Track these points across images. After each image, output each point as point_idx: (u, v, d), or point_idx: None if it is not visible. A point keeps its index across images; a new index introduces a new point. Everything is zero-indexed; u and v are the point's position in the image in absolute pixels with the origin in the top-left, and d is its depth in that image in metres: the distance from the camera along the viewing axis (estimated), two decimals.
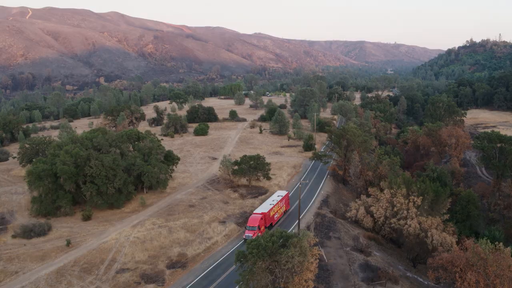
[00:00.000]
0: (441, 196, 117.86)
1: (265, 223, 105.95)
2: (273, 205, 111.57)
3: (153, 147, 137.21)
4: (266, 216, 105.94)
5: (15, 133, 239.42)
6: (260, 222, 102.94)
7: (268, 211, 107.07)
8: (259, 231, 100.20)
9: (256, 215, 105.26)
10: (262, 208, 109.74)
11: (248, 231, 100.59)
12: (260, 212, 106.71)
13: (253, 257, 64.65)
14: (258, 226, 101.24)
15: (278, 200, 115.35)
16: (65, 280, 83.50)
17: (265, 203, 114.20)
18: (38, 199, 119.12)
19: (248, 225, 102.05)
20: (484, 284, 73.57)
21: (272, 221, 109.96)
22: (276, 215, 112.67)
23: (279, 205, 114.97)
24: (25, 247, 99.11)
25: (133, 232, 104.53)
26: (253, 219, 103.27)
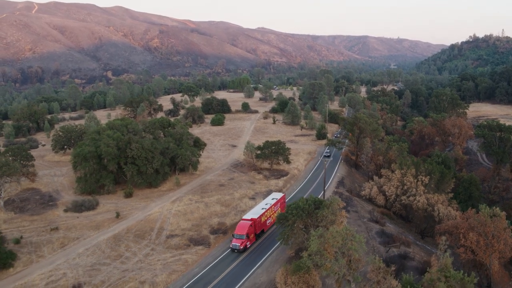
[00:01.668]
0: (446, 176, 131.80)
1: (255, 230, 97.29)
2: (266, 209, 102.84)
3: (184, 133, 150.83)
4: (256, 222, 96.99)
5: (40, 123, 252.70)
6: (249, 229, 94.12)
7: (258, 216, 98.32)
8: (247, 240, 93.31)
9: (245, 221, 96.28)
10: (252, 213, 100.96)
11: (236, 239, 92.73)
12: (250, 218, 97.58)
13: (293, 217, 78.28)
14: (246, 235, 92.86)
15: (272, 204, 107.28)
16: (123, 243, 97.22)
17: (257, 207, 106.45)
18: (83, 178, 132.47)
19: (236, 233, 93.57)
20: (484, 243, 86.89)
21: (264, 227, 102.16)
22: (269, 221, 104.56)
23: (272, 209, 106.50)
24: (79, 219, 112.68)
25: (173, 207, 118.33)
26: (241, 226, 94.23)
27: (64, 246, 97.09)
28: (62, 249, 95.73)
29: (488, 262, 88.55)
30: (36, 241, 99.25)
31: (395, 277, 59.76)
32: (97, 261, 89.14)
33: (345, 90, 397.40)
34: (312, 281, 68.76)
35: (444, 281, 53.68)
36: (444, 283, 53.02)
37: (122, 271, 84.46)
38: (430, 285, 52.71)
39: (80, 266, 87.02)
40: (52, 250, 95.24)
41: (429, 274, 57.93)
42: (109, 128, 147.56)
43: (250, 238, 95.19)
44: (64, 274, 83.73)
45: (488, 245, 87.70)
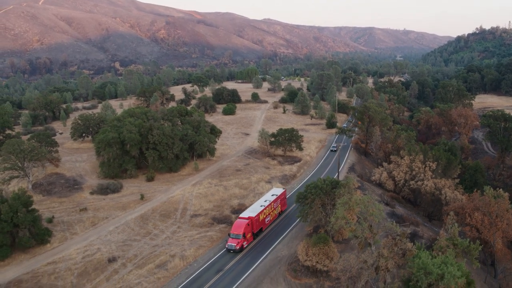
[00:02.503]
0: (452, 163, 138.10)
1: (253, 229, 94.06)
2: (265, 206, 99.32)
3: (201, 121, 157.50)
4: (254, 221, 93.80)
5: (56, 112, 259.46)
6: (246, 229, 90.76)
7: (256, 215, 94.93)
8: (244, 240, 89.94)
9: (242, 220, 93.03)
10: (250, 211, 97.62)
11: (232, 239, 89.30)
12: (247, 216, 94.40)
13: (312, 195, 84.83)
14: (243, 234, 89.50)
15: (272, 201, 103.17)
16: (150, 222, 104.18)
17: (255, 204, 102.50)
18: (106, 163, 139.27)
19: (232, 233, 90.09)
20: (488, 222, 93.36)
21: (262, 226, 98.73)
22: (268, 218, 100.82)
23: (272, 207, 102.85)
24: (105, 201, 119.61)
25: (194, 189, 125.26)
26: (237, 226, 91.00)
27: (94, 224, 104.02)
28: (93, 227, 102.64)
29: (492, 240, 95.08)
30: (67, 220, 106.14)
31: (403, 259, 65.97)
32: (127, 237, 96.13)
33: (353, 81, 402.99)
34: (331, 253, 75.49)
35: (452, 248, 60.10)
36: (452, 250, 59.39)
37: (153, 246, 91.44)
38: (440, 251, 58.97)
39: (112, 242, 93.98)
40: (84, 228, 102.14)
41: (438, 242, 64.43)
42: (130, 116, 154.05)
43: (247, 238, 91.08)
44: (99, 249, 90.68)
45: (492, 224, 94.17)
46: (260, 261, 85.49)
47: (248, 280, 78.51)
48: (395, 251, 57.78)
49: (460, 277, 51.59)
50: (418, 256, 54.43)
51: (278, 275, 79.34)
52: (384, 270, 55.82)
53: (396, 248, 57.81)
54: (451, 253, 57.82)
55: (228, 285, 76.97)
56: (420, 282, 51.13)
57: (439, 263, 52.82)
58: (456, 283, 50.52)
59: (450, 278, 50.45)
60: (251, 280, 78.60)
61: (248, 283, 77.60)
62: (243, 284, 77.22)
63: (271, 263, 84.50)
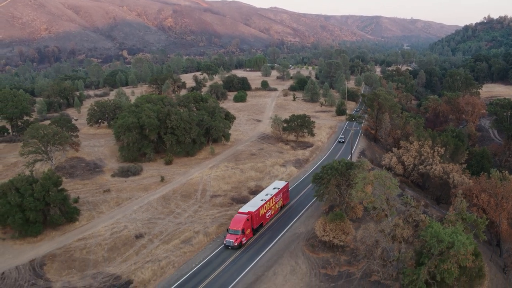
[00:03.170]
0: (460, 148, 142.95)
1: (253, 224, 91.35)
2: (266, 201, 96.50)
3: (216, 107, 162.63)
4: (253, 216, 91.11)
5: (69, 99, 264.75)
6: (245, 224, 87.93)
7: (256, 210, 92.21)
8: (243, 236, 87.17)
9: (241, 215, 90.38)
10: (250, 206, 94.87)
11: (230, 235, 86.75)
12: (247, 211, 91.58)
13: (328, 176, 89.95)
14: (242, 230, 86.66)
15: (273, 194, 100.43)
16: (172, 202, 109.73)
17: (255, 198, 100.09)
18: (125, 147, 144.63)
19: (231, 228, 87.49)
20: (494, 203, 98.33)
21: (263, 221, 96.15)
22: (269, 213, 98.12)
23: (273, 201, 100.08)
24: (127, 183, 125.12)
25: (212, 172, 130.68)
26: (236, 221, 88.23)
27: (119, 204, 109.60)
28: (118, 207, 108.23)
29: (498, 220, 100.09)
30: (93, 201, 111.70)
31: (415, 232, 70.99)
32: (152, 216, 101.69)
33: (361, 70, 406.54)
34: (347, 228, 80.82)
35: (460, 222, 65.12)
36: (460, 223, 64.39)
37: (176, 224, 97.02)
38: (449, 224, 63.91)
39: (138, 220, 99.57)
40: (109, 207, 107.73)
41: (448, 216, 69.47)
42: (147, 102, 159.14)
43: (246, 234, 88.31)
44: (125, 227, 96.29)
45: (498, 205, 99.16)
46: (280, 237, 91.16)
47: (270, 254, 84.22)
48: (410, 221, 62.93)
49: (469, 244, 56.78)
50: (430, 226, 59.58)
51: (297, 250, 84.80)
52: (400, 239, 60.95)
53: (410, 219, 62.99)
54: (460, 226, 62.86)
55: (251, 258, 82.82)
56: (433, 249, 56.23)
57: (450, 232, 57.98)
58: (465, 250, 55.68)
59: (460, 245, 55.55)
60: (272, 253, 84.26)
61: (270, 256, 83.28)
62: (265, 257, 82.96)
63: (290, 239, 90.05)
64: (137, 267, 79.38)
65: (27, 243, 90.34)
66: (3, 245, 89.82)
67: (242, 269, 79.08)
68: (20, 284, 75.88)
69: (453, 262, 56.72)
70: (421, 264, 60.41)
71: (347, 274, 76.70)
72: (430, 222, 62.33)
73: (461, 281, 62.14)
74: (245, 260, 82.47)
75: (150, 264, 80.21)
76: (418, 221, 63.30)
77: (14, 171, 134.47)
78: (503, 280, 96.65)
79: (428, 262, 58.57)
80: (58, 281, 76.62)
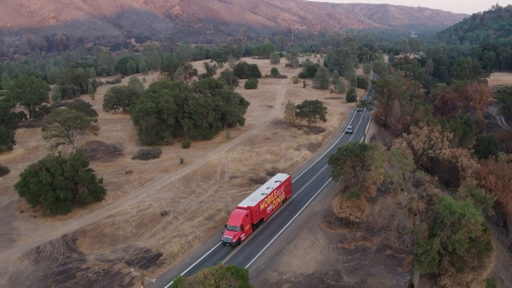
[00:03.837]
0: (468, 134, 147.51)
1: (253, 220, 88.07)
2: (266, 195, 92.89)
3: (231, 92, 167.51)
4: (253, 211, 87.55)
5: (83, 86, 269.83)
6: (245, 220, 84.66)
7: (256, 204, 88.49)
8: (242, 232, 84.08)
9: (240, 210, 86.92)
10: (250, 200, 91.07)
11: (228, 231, 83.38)
12: (246, 206, 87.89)
13: (344, 157, 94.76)
14: (241, 226, 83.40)
15: (275, 188, 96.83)
16: (193, 182, 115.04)
17: (256, 192, 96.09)
18: (144, 131, 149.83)
19: (229, 224, 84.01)
20: (501, 184, 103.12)
21: (264, 215, 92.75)
22: (270, 207, 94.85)
23: (275, 194, 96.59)
24: (147, 165, 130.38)
25: (229, 155, 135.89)
26: (235, 216, 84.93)
27: (142, 184, 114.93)
28: (141, 187, 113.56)
29: (505, 201, 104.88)
30: (116, 181, 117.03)
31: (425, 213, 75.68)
32: (175, 195, 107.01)
33: (369, 58, 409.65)
34: (362, 206, 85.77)
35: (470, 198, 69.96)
36: (470, 199, 69.23)
37: (199, 203, 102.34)
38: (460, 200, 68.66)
39: (161, 199, 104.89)
40: (133, 187, 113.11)
41: (459, 192, 74.37)
42: (164, 87, 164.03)
43: (245, 230, 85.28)
44: (150, 205, 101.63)
45: (505, 187, 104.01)
46: (298, 214, 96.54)
47: (290, 229, 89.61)
48: (424, 196, 67.81)
49: (479, 215, 61.72)
50: (443, 199, 64.48)
51: (315, 226, 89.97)
52: (415, 211, 65.85)
53: (424, 193, 67.87)
54: (470, 201, 67.73)
55: (273, 233, 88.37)
56: (446, 220, 61.07)
57: (461, 205, 62.92)
58: (475, 220, 60.54)
59: (470, 215, 60.42)
60: (292, 229, 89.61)
61: (290, 231, 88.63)
62: (286, 232, 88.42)
63: (308, 216, 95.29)
64: (165, 241, 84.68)
65: (57, 220, 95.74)
66: (35, 222, 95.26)
67: (264, 243, 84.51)
68: (55, 257, 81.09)
69: (464, 232, 61.62)
70: (434, 236, 65.36)
71: (363, 248, 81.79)
72: (442, 196, 67.26)
73: (470, 252, 67.05)
74: (267, 235, 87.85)
75: (177, 238, 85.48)
76: (432, 196, 68.13)
77: (36, 155, 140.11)
78: (509, 258, 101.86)
79: (440, 233, 63.48)
80: (91, 254, 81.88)
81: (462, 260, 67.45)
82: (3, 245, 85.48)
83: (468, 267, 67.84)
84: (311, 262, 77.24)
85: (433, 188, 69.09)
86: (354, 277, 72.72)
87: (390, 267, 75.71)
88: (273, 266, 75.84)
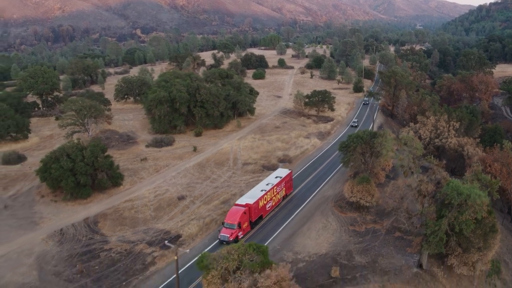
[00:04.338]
0: (474, 123, 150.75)
1: (251, 217, 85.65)
2: (266, 191, 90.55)
3: (241, 82, 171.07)
4: (251, 209, 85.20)
5: (93, 76, 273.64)
6: (242, 217, 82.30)
7: (255, 201, 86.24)
8: (239, 230, 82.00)
9: (238, 207, 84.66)
10: (248, 197, 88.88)
11: (226, 229, 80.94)
12: (244, 203, 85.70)
13: (354, 143, 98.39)
14: (238, 224, 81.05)
15: (275, 184, 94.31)
16: (207, 169, 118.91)
17: (255, 189, 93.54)
18: (157, 120, 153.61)
19: (226, 222, 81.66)
20: (506, 172, 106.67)
21: (263, 212, 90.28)
22: (269, 204, 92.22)
23: (275, 191, 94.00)
24: (161, 152, 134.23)
25: (240, 143, 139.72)
26: (232, 214, 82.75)
27: (158, 171, 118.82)
28: (157, 173, 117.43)
29: (509, 188, 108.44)
30: (132, 168, 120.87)
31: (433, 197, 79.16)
32: (190, 181, 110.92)
33: (375, 49, 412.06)
34: (372, 190, 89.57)
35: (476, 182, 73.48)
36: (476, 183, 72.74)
37: (214, 188, 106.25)
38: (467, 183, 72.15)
39: (177, 184, 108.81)
40: (149, 173, 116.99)
41: (466, 176, 78.02)
42: (176, 77, 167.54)
43: (243, 228, 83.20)
44: (167, 190, 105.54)
45: (510, 174, 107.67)
46: (310, 199, 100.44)
47: (302, 213, 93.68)
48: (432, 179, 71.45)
49: (484, 197, 65.39)
50: (451, 181, 68.15)
51: (327, 210, 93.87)
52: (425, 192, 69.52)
53: (433, 177, 71.50)
54: (476, 184, 71.35)
55: (286, 216, 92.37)
56: (453, 200, 64.66)
57: (468, 187, 66.64)
58: (481, 201, 64.14)
59: (476, 196, 64.07)
60: (305, 213, 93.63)
61: (303, 214, 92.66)
62: (299, 215, 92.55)
63: (320, 201, 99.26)
64: (184, 224, 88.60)
65: (78, 204, 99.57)
66: (56, 206, 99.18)
67: (279, 226, 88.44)
68: (78, 238, 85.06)
69: (470, 213, 65.30)
70: (441, 217, 68.98)
71: (373, 231, 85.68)
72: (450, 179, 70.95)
73: (476, 233, 70.64)
74: (280, 218, 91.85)
75: (195, 221, 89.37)
76: (440, 179, 71.71)
77: (51, 143, 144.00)
78: None
79: (448, 214, 67.11)
80: (113, 235, 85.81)
81: (468, 240, 71.07)
82: (27, 227, 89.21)
83: (474, 247, 71.49)
84: (324, 243, 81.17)
85: (441, 171, 72.64)
86: (365, 257, 76.62)
87: (399, 248, 79.65)
88: (288, 247, 79.76)
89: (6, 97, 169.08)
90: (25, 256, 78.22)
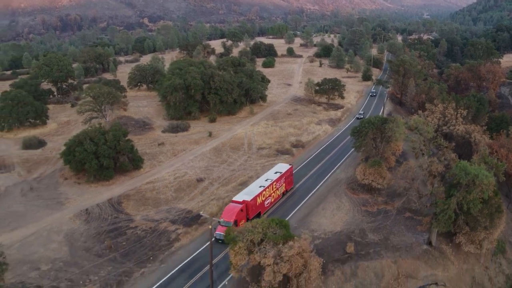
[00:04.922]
0: (481, 111, 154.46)
1: (248, 215, 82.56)
2: (264, 187, 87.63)
3: (253, 70, 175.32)
4: (249, 206, 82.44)
5: (104, 64, 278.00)
6: (239, 215, 79.59)
7: (253, 198, 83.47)
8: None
9: (235, 204, 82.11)
10: (245, 194, 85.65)
11: (221, 227, 76.90)
12: (241, 200, 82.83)
13: (366, 129, 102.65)
14: (235, 222, 77.77)
15: (274, 180, 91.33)
16: (223, 153, 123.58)
17: (253, 184, 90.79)
18: (172, 106, 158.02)
19: (222, 219, 78.69)
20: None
21: (261, 209, 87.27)
22: (268, 201, 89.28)
23: (274, 187, 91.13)
24: (177, 138, 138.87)
25: (254, 129, 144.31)
26: (228, 211, 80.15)
27: (176, 155, 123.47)
28: (175, 157, 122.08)
29: None
30: (150, 152, 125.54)
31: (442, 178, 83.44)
32: (208, 164, 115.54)
33: (383, 38, 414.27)
34: (383, 173, 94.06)
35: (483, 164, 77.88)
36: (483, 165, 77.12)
37: (231, 171, 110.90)
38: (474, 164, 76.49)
39: (196, 167, 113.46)
40: (167, 157, 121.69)
41: (473, 159, 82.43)
42: (189, 65, 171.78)
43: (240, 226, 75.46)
44: (186, 173, 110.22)
45: None
46: (324, 181, 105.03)
47: (317, 194, 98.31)
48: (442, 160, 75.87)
49: (491, 177, 69.86)
50: (460, 162, 72.58)
51: (340, 191, 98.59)
52: (435, 173, 73.93)
53: (442, 158, 75.92)
54: (483, 166, 75.76)
55: (302, 196, 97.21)
56: (461, 179, 69.10)
57: (475, 168, 71.13)
58: (488, 181, 68.53)
59: (483, 176, 68.54)
60: (319, 194, 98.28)
61: (317, 196, 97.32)
62: (313, 196, 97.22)
63: (333, 183, 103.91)
64: (204, 204, 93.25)
65: (101, 186, 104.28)
66: (80, 188, 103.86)
67: (295, 206, 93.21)
68: (104, 217, 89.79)
69: (478, 192, 69.75)
70: (450, 197, 73.45)
71: (384, 211, 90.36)
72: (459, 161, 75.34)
73: (483, 213, 75.15)
74: (296, 198, 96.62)
75: (214, 201, 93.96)
76: (449, 160, 76.09)
77: (69, 129, 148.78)
78: None
79: (457, 193, 71.58)
80: (137, 215, 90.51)
81: (475, 219, 75.64)
82: (54, 207, 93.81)
83: (481, 226, 76.12)
84: (339, 222, 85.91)
85: (450, 153, 76.92)
86: (378, 235, 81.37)
87: (409, 227, 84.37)
88: (304, 225, 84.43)
89: (23, 84, 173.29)
90: (55, 233, 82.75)
